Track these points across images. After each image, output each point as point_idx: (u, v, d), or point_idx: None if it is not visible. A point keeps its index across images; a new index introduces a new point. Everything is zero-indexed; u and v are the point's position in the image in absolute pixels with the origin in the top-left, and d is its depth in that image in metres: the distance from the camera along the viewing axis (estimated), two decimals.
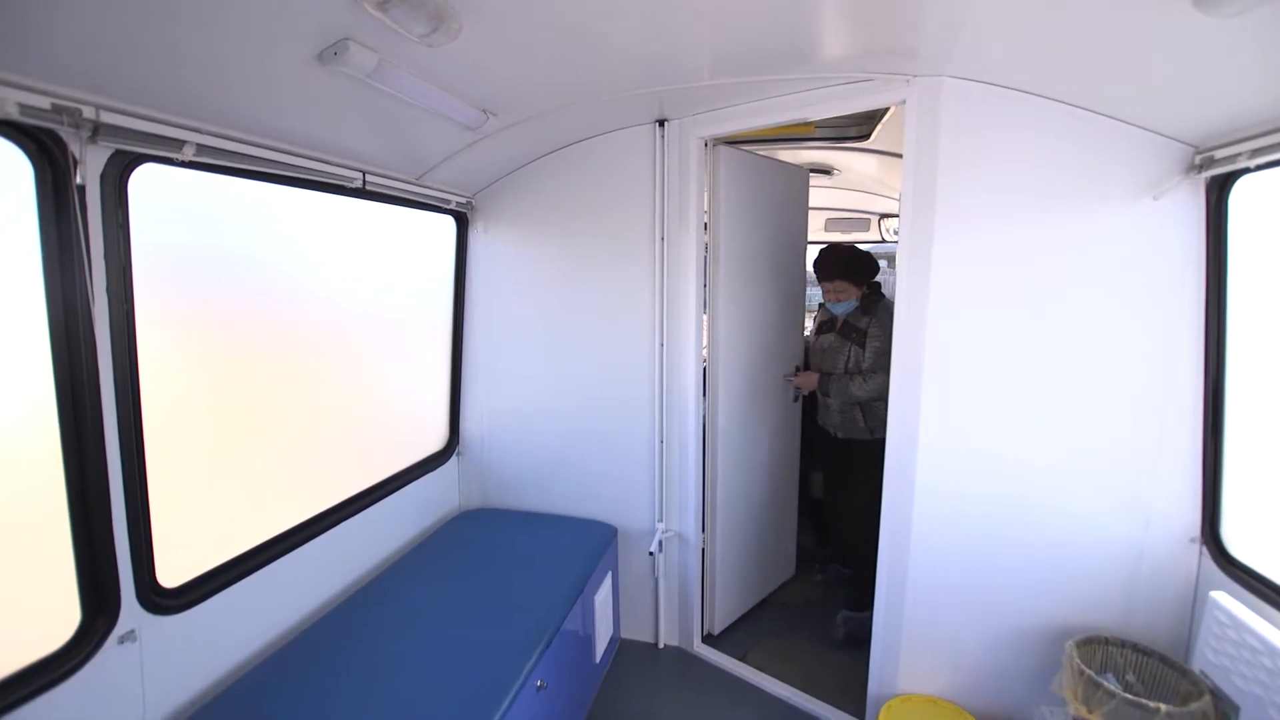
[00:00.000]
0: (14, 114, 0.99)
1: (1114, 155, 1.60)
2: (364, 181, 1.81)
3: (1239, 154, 1.39)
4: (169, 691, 1.41)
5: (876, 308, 2.45)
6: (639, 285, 2.31)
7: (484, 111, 1.77)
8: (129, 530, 1.31)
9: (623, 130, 2.23)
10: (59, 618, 1.23)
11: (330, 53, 1.24)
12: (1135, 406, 1.67)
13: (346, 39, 1.21)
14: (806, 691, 2.22)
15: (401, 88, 1.45)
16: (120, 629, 1.29)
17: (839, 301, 2.47)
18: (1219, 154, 1.46)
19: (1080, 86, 1.55)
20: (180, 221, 1.45)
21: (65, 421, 1.19)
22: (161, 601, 1.38)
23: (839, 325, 2.52)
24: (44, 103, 1.04)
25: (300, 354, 1.86)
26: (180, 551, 1.45)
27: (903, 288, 1.81)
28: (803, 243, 2.91)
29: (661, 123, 2.17)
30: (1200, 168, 1.51)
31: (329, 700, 1.46)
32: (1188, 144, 1.54)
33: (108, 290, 1.21)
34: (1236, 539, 1.60)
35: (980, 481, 1.81)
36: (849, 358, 2.45)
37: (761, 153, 2.56)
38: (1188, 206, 1.57)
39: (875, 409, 2.39)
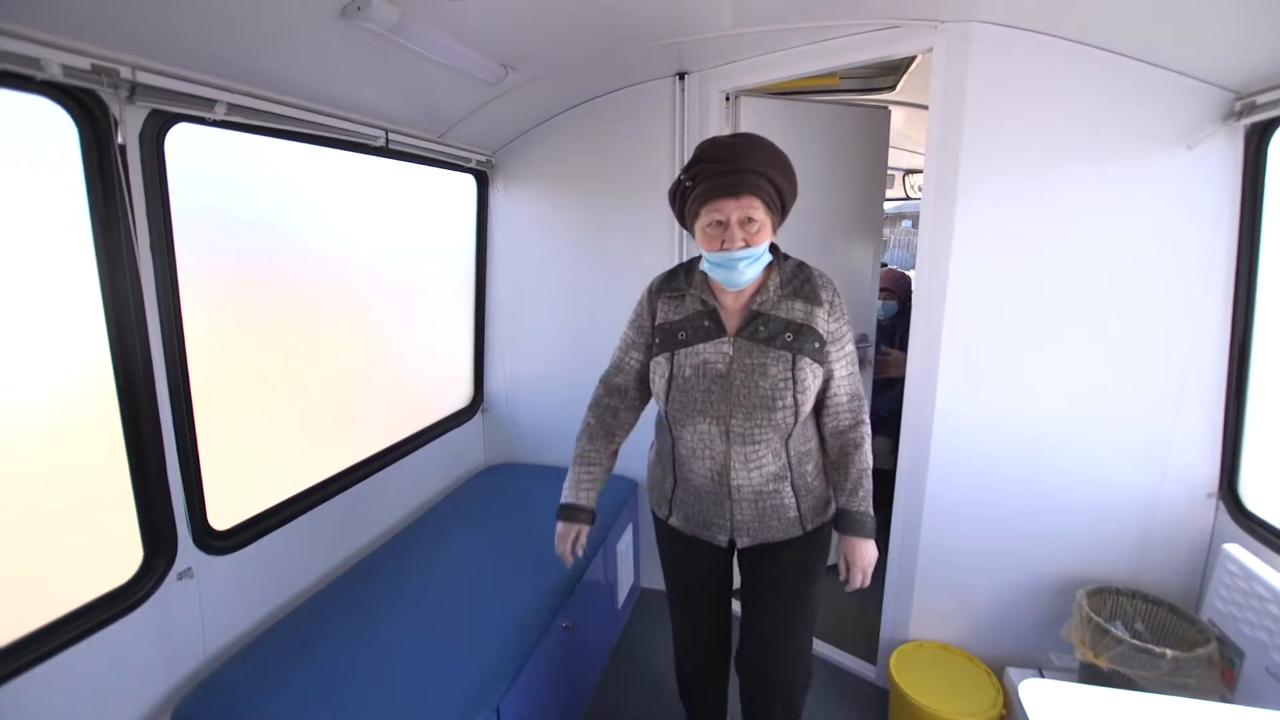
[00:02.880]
0: (58, 75, 1.03)
1: (1148, 102, 1.55)
2: (386, 140, 1.83)
3: None
4: (225, 624, 1.53)
5: (806, 280, 1.32)
6: (659, 240, 2.32)
7: (504, 66, 1.76)
8: (182, 477, 1.39)
9: (642, 84, 2.20)
10: (125, 556, 1.33)
11: (354, 7, 1.25)
12: (1158, 361, 1.67)
13: None
14: (819, 638, 2.31)
15: (423, 43, 1.45)
16: (179, 566, 1.39)
17: (745, 248, 1.19)
18: (1261, 99, 1.41)
19: (1115, 29, 1.49)
20: (213, 183, 1.49)
21: (119, 375, 1.26)
22: (214, 543, 1.48)
23: (748, 316, 1.29)
24: (84, 63, 1.07)
25: (330, 313, 1.92)
26: (229, 498, 1.54)
27: (925, 242, 1.80)
28: (870, 194, 2.48)
29: (681, 76, 2.13)
30: (1240, 114, 1.46)
31: (370, 633, 1.57)
32: (1227, 89, 1.49)
33: (151, 248, 1.26)
34: (1254, 493, 1.61)
35: (997, 434, 1.83)
36: (791, 382, 1.25)
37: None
38: (1224, 156, 1.53)
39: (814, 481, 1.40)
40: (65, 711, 1.19)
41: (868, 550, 1.36)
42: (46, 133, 1.12)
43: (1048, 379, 1.76)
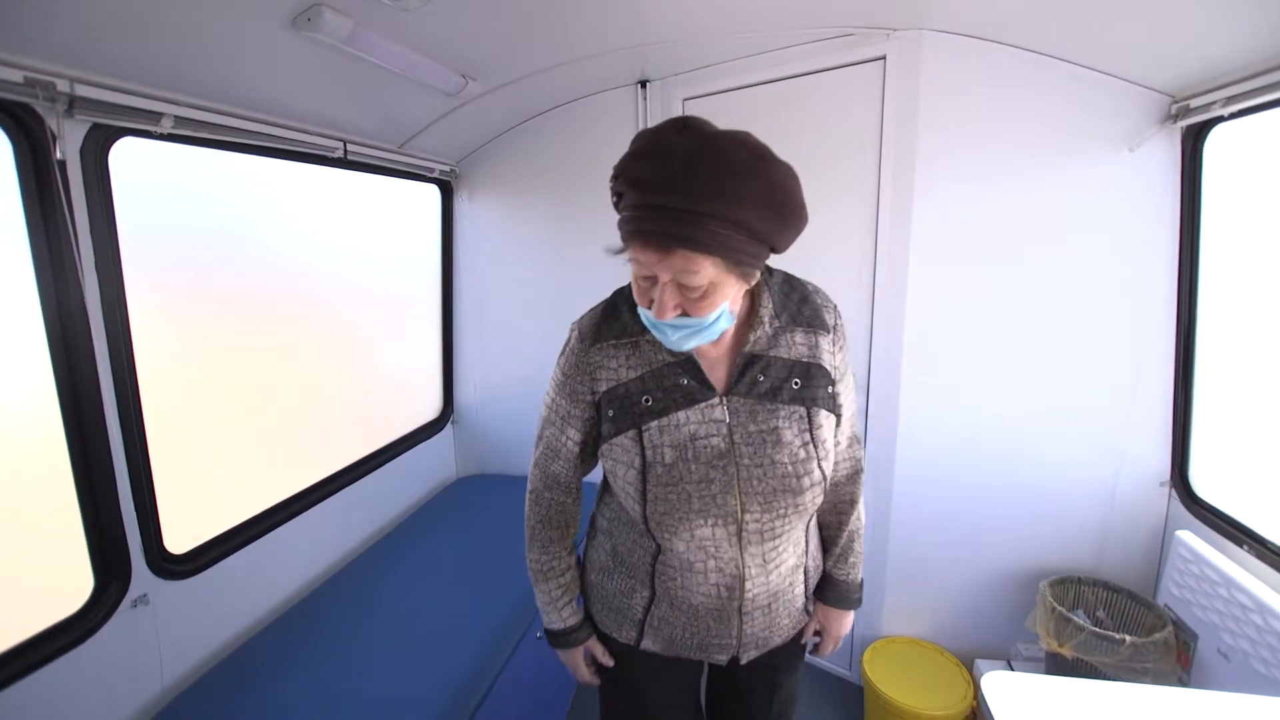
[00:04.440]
0: None
1: (1092, 107, 1.60)
2: (345, 151, 1.81)
3: (1213, 102, 1.40)
4: (183, 652, 1.48)
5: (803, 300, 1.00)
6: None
7: (463, 76, 1.75)
8: (134, 500, 1.35)
9: (605, 92, 2.21)
10: (74, 586, 1.28)
11: (304, 19, 1.23)
12: (1111, 356, 1.72)
13: (319, 4, 1.20)
14: None
15: (378, 53, 1.44)
16: (133, 593, 1.34)
17: (681, 316, 0.84)
18: (1194, 103, 1.47)
19: (1058, 37, 1.54)
20: (164, 198, 1.45)
21: (65, 398, 1.22)
22: (170, 567, 1.44)
23: (741, 363, 0.94)
24: (16, 76, 1.04)
25: (292, 327, 1.88)
26: (185, 520, 1.50)
27: (884, 248, 1.83)
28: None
29: (644, 84, 2.15)
30: (1176, 117, 1.52)
31: (340, 653, 1.53)
32: (1164, 94, 1.55)
33: (96, 266, 1.23)
34: (1203, 481, 1.67)
35: (961, 431, 1.87)
36: (812, 445, 0.94)
37: None
38: (1164, 157, 1.59)
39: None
40: None
41: (847, 621, 1.15)
42: None
43: (1007, 376, 1.81)
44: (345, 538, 2.05)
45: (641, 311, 0.87)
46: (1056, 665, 1.65)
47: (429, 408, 2.62)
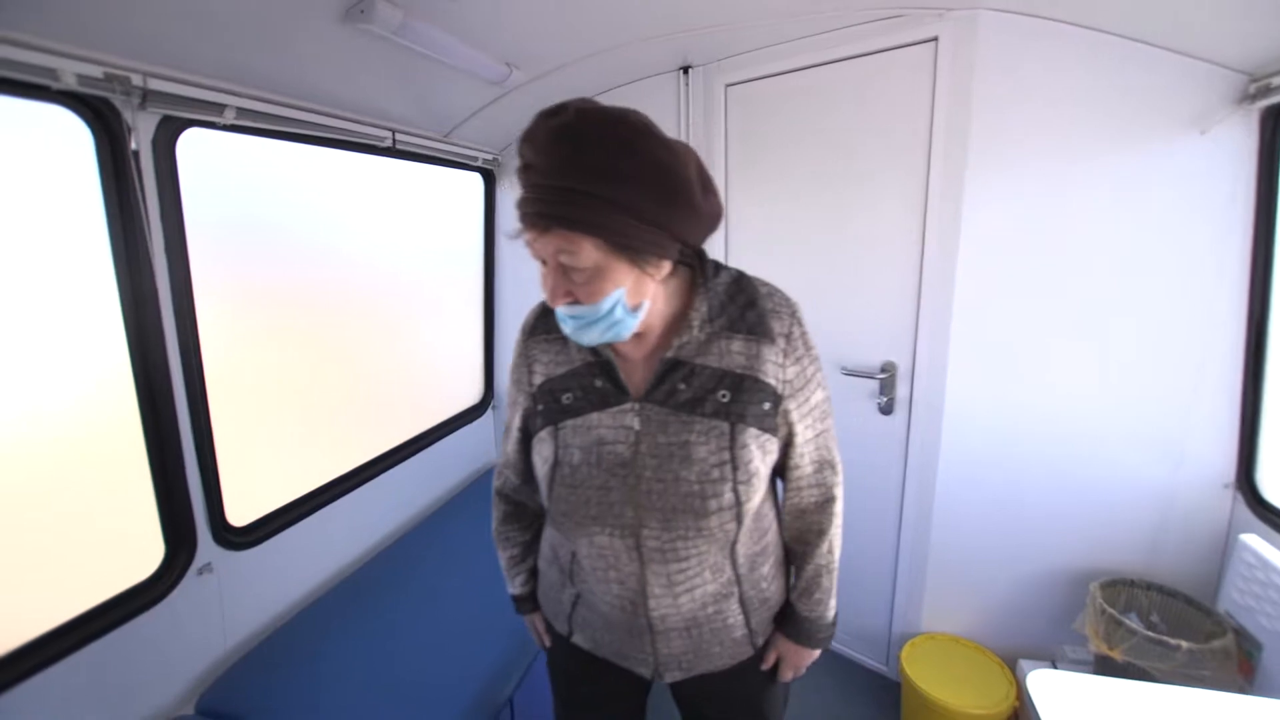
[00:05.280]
0: (73, 84, 1.05)
1: (1159, 88, 1.52)
2: (393, 140, 1.85)
3: None
4: (244, 618, 1.57)
5: (749, 303, 0.90)
6: None
7: (507, 65, 1.77)
8: (200, 475, 1.43)
9: (646, 79, 2.20)
10: (148, 553, 1.37)
11: (356, 10, 1.26)
12: (1172, 350, 1.64)
13: None
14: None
15: (426, 43, 1.46)
16: (199, 562, 1.43)
17: (572, 304, 0.80)
18: (1276, 81, 1.38)
19: (1124, 12, 1.46)
20: (225, 187, 1.52)
21: (139, 377, 1.30)
22: (232, 539, 1.52)
23: (661, 369, 0.87)
24: (97, 71, 1.10)
25: (341, 313, 1.95)
26: (245, 495, 1.58)
27: (932, 235, 1.78)
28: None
29: (685, 70, 2.13)
30: (1254, 97, 1.43)
31: (384, 626, 1.60)
32: (1241, 72, 1.46)
33: (166, 251, 1.29)
34: (1272, 483, 1.59)
35: (1008, 425, 1.81)
36: (730, 467, 0.85)
37: None
38: (1238, 141, 1.50)
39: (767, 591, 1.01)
40: (94, 703, 1.23)
41: (811, 654, 1.04)
42: (66, 141, 1.15)
43: (1060, 368, 1.74)
44: (389, 517, 2.13)
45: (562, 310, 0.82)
46: (1105, 669, 1.60)
47: (471, 393, 2.68)
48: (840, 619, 2.23)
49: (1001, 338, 1.78)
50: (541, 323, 0.97)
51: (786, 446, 0.92)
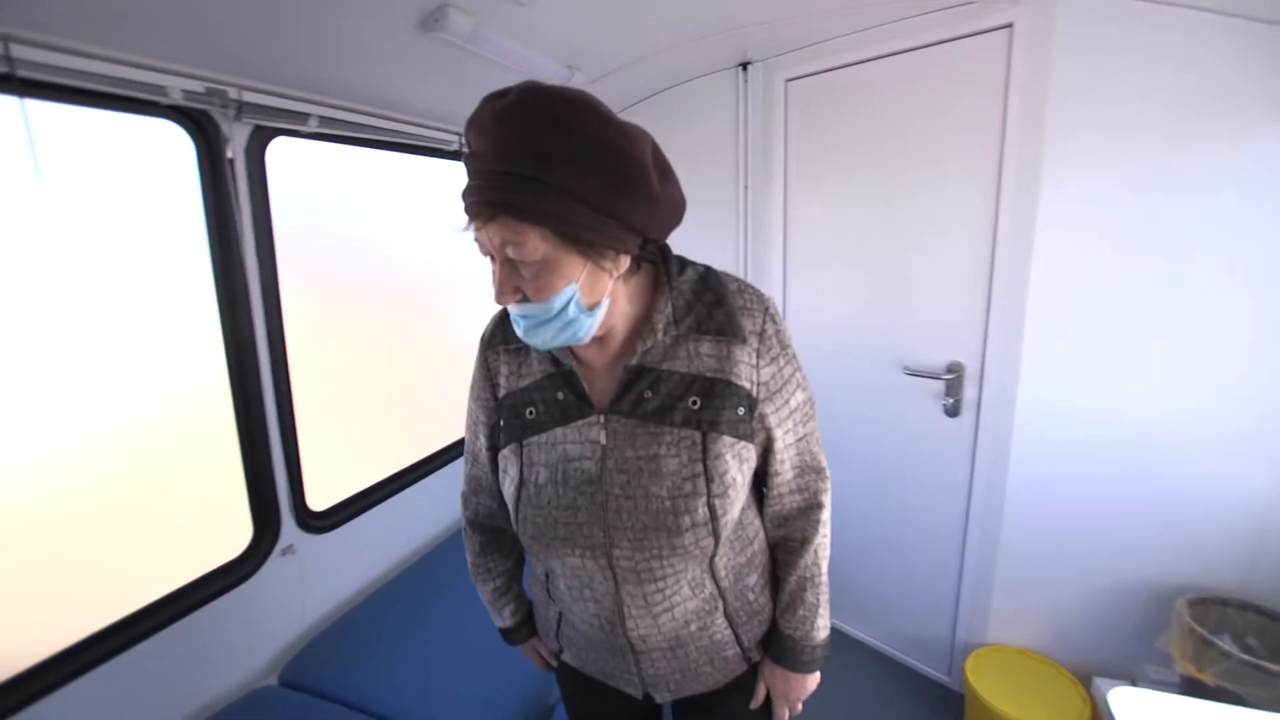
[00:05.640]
0: (179, 99, 1.15)
1: (1250, 69, 1.40)
2: (459, 144, 1.92)
3: None
4: (321, 597, 1.66)
5: (717, 301, 0.83)
6: (724, 237, 2.31)
7: (569, 67, 1.81)
8: (285, 463, 1.52)
9: (704, 77, 2.20)
10: (237, 535, 1.48)
11: (431, 19, 1.32)
12: (1269, 352, 1.52)
13: (446, 4, 1.28)
14: (887, 643, 2.25)
15: (493, 49, 1.51)
16: (282, 543, 1.53)
17: (522, 303, 0.74)
18: None
19: None
20: (301, 191, 1.61)
21: (232, 372, 1.40)
22: (313, 522, 1.61)
23: (626, 378, 0.82)
24: (200, 87, 1.19)
25: (408, 311, 2.04)
26: (323, 483, 1.67)
27: (1005, 227, 1.71)
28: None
29: (745, 66, 2.11)
30: None
31: (453, 608, 1.67)
32: None
33: (257, 252, 1.39)
34: None
35: (1086, 430, 1.72)
36: (703, 479, 0.79)
37: None
38: None
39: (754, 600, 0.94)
40: (189, 671, 1.33)
41: (799, 682, 0.95)
42: (168, 152, 1.25)
43: (1145, 368, 1.64)
44: (455, 507, 2.20)
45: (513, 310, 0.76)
46: (1192, 692, 1.50)
47: None
48: (899, 625, 2.21)
49: (1078, 337, 1.68)
50: (500, 332, 0.91)
51: (766, 452, 0.86)
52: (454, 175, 2.13)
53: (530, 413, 0.85)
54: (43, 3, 0.93)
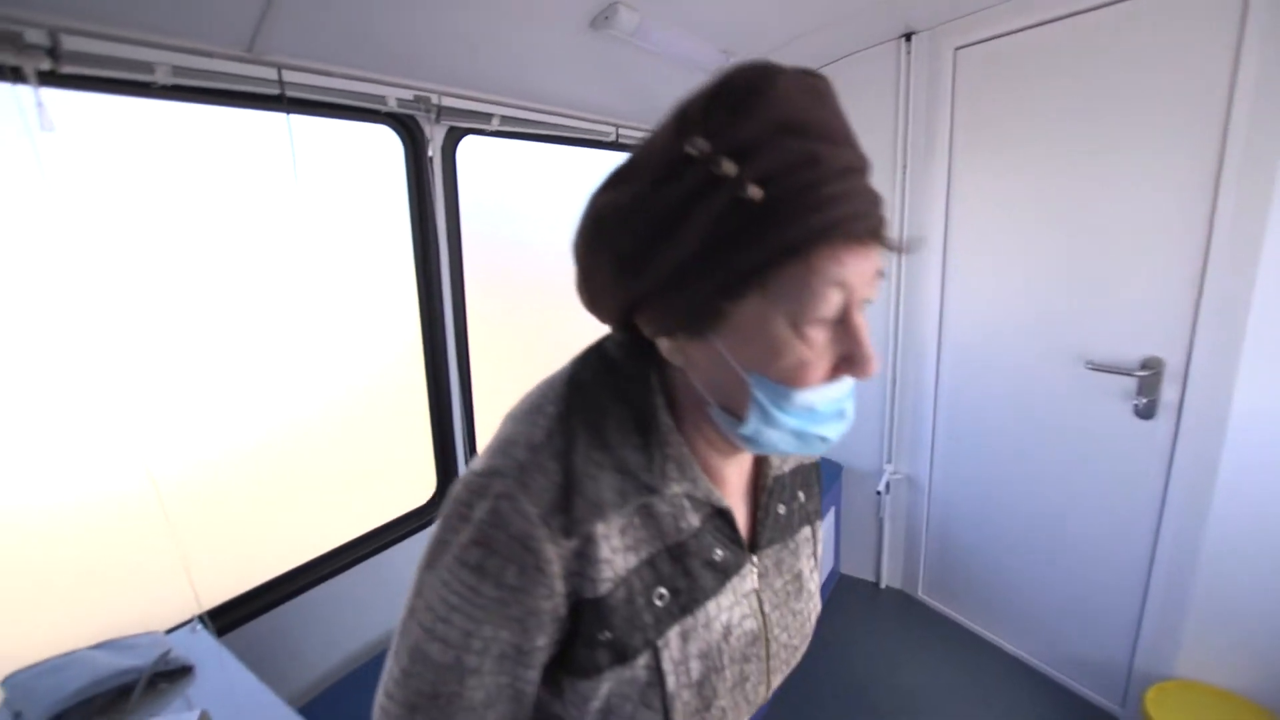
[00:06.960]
0: (394, 106, 1.33)
1: None
2: (616, 135, 2.01)
3: None
4: None
5: None
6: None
7: (724, 52, 1.82)
8: (463, 425, 1.72)
9: (861, 52, 2.10)
10: (424, 485, 1.71)
11: (601, 18, 1.40)
12: None
13: (617, 2, 1.36)
14: (1048, 664, 2.07)
15: (655, 41, 1.57)
16: None
17: None
18: None
19: None
20: (481, 184, 1.79)
21: (427, 347, 1.60)
22: None
23: (766, 495, 0.63)
24: (409, 95, 1.37)
25: (562, 297, 2.18)
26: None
27: (1225, 208, 1.48)
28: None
29: (908, 37, 1.99)
30: None
31: None
32: None
33: (447, 241, 1.57)
34: None
35: None
36: (815, 570, 0.73)
37: None
38: None
39: None
40: (374, 602, 1.55)
41: None
42: (380, 154, 1.46)
43: None
44: None
45: (783, 412, 0.47)
46: None
47: None
48: (1064, 643, 2.04)
49: None
50: (593, 487, 0.50)
51: None
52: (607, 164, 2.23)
53: (660, 598, 0.53)
54: (304, 37, 1.12)
